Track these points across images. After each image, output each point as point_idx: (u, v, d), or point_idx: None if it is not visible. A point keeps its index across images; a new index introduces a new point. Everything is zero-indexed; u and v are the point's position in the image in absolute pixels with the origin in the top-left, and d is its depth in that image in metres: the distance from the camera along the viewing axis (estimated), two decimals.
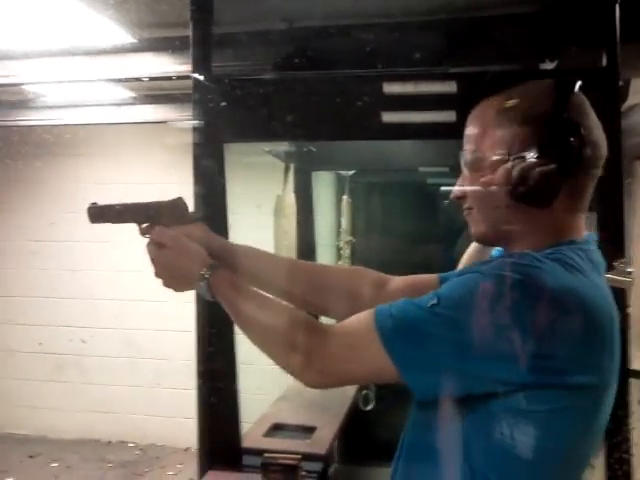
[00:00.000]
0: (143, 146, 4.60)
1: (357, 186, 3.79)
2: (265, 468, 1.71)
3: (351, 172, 3.56)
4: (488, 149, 0.99)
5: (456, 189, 1.07)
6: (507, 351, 0.83)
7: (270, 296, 1.08)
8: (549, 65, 2.31)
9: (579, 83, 0.95)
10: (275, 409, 2.47)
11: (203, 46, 1.90)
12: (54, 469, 4.19)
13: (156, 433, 4.63)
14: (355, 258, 3.71)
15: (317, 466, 1.94)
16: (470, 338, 0.84)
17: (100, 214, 1.25)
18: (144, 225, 1.21)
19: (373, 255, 3.80)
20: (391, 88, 1.95)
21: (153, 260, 1.15)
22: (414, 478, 0.99)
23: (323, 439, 2.15)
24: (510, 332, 0.83)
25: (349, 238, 3.63)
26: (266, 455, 1.74)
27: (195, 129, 1.88)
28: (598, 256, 0.98)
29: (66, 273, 4.78)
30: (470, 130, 1.03)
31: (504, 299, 0.84)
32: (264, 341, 1.01)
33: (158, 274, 1.15)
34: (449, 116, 1.77)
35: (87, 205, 1.26)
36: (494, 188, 0.98)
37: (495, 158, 0.97)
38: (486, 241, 1.09)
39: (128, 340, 4.71)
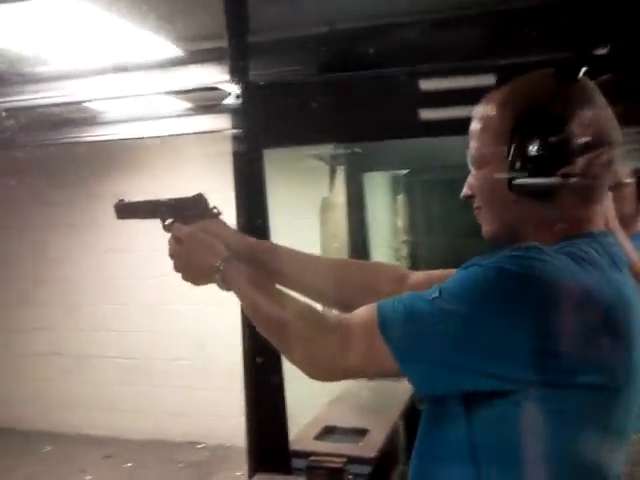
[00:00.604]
0: (205, 156, 4.71)
1: (412, 185, 3.74)
2: (310, 471, 1.72)
3: (405, 171, 3.53)
4: (490, 145, 0.97)
5: (465, 189, 1.05)
6: (510, 347, 0.81)
7: (281, 289, 1.09)
8: (602, 50, 2.23)
9: (583, 70, 0.92)
10: (327, 411, 2.48)
11: (239, 55, 1.94)
12: (128, 469, 4.35)
13: (224, 434, 4.73)
14: (413, 257, 3.67)
15: (366, 469, 1.93)
16: (471, 333, 0.82)
17: (126, 210, 1.30)
18: (167, 221, 1.25)
19: (431, 254, 3.75)
20: (436, 84, 1.93)
21: (171, 255, 1.18)
22: (425, 476, 0.98)
23: (374, 442, 2.14)
24: (513, 328, 0.81)
25: (405, 238, 3.60)
26: (312, 458, 1.75)
27: (234, 137, 1.92)
28: (617, 251, 0.94)
29: (136, 281, 4.96)
30: (473, 126, 1.01)
31: (506, 293, 0.82)
32: (271, 333, 1.02)
33: (176, 268, 1.18)
34: None
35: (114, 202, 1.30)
36: (496, 184, 0.97)
37: (494, 153, 0.95)
38: (498, 239, 1.06)
39: (197, 343, 4.83)
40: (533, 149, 0.91)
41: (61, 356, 5.17)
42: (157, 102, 3.72)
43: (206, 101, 3.63)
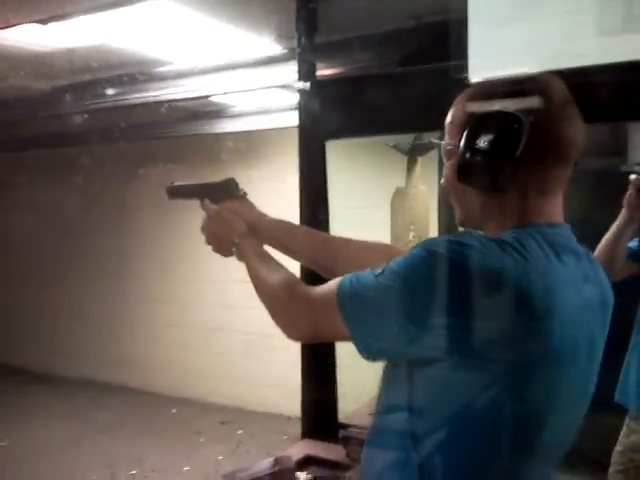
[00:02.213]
0: None
1: None
2: (346, 441, 1.85)
3: None
4: (452, 138, 1.05)
5: (442, 179, 1.14)
6: (432, 320, 0.90)
7: (278, 263, 1.24)
8: None
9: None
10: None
11: (306, 54, 2.09)
12: (239, 435, 4.72)
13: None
14: None
15: None
16: (401, 305, 0.93)
17: (174, 192, 1.52)
18: (205, 201, 1.43)
19: None
20: None
21: (202, 229, 1.39)
22: (372, 433, 1.11)
23: None
24: (434, 304, 0.91)
25: None
26: (349, 430, 1.89)
27: (300, 130, 2.08)
28: (566, 241, 0.99)
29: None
30: (446, 120, 1.09)
31: (433, 273, 0.92)
32: (264, 300, 1.19)
33: (206, 241, 1.39)
34: None
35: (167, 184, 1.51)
36: (448, 175, 1.06)
37: (455, 146, 1.03)
38: (465, 226, 1.14)
39: None
40: (480, 143, 0.99)
41: (191, 328, 5.66)
42: (272, 96, 3.96)
43: None
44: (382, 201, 2.56)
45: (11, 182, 5.95)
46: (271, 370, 5.25)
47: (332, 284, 1.03)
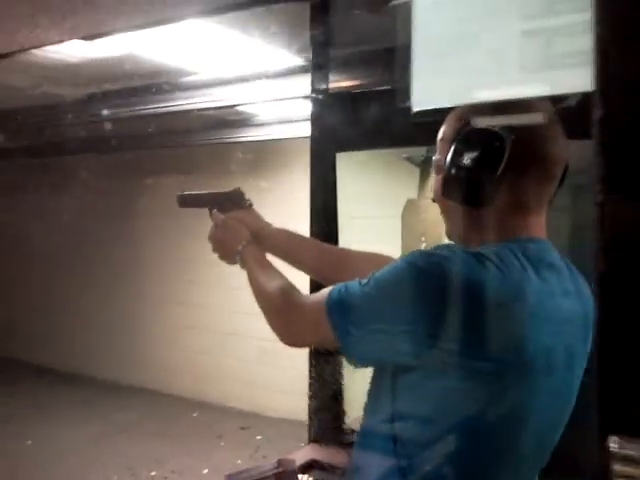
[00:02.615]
0: None
1: None
2: (351, 446, 1.88)
3: None
4: (441, 154, 1.09)
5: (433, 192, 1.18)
6: (410, 328, 0.95)
7: (277, 271, 1.29)
8: None
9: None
10: None
11: (321, 67, 2.14)
12: (257, 441, 4.77)
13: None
14: None
15: None
16: (382, 314, 0.98)
17: (184, 201, 1.58)
18: (213, 210, 1.49)
19: None
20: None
21: (209, 238, 1.44)
22: (360, 436, 1.16)
23: None
24: (411, 313, 0.95)
25: None
26: (354, 435, 1.92)
27: (311, 142, 2.13)
28: (545, 256, 1.02)
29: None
30: (437, 136, 1.13)
31: (408, 283, 0.97)
32: (260, 305, 1.24)
33: (213, 249, 1.44)
34: None
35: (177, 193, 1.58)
36: (436, 190, 1.09)
37: (442, 161, 1.07)
38: (453, 240, 1.17)
39: None
40: (464, 159, 1.02)
41: (211, 332, 5.74)
42: (293, 106, 4.03)
43: None
44: (392, 212, 2.59)
45: (39, 187, 6.11)
46: (286, 376, 5.30)
47: (324, 292, 1.08)
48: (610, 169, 0.45)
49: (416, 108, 0.60)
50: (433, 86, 0.60)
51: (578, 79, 0.45)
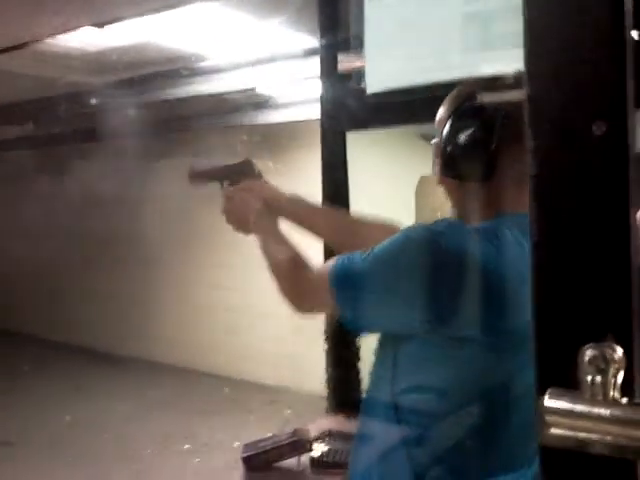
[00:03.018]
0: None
1: None
2: None
3: None
4: (439, 135, 1.12)
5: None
6: (405, 300, 1.00)
7: (288, 240, 1.33)
8: None
9: None
10: None
11: (330, 49, 2.16)
12: (286, 415, 4.87)
13: None
14: None
15: None
16: (381, 284, 1.04)
17: (195, 176, 1.62)
18: (224, 183, 1.53)
19: None
20: None
21: (222, 210, 1.49)
22: (364, 403, 1.21)
23: None
24: (407, 284, 1.00)
25: None
26: None
27: (321, 122, 2.16)
28: None
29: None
30: (436, 118, 1.16)
31: (404, 255, 1.01)
32: (271, 274, 1.29)
33: (227, 220, 1.48)
34: None
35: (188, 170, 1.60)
36: (437, 170, 1.13)
37: (437, 145, 1.10)
38: (458, 216, 1.21)
39: None
40: (458, 137, 1.06)
41: (240, 312, 5.85)
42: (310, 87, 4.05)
43: None
44: (406, 189, 2.62)
45: (68, 172, 6.25)
46: (314, 352, 5.37)
47: (329, 262, 1.13)
48: (539, 142, 0.48)
49: (370, 90, 0.64)
50: (384, 69, 0.64)
51: (515, 60, 0.49)
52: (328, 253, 1.63)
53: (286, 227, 1.42)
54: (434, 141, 1.15)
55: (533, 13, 0.49)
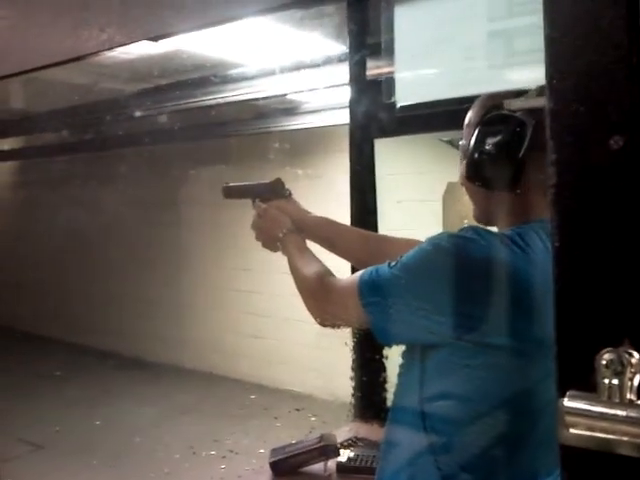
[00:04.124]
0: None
1: None
2: None
3: None
4: (467, 139, 1.14)
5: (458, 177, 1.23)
6: (435, 308, 1.01)
7: (314, 256, 1.37)
8: None
9: None
10: None
11: (357, 56, 2.19)
12: (312, 422, 4.89)
13: None
14: None
15: None
16: (410, 294, 1.04)
17: (229, 192, 1.67)
18: (255, 200, 1.58)
19: None
20: None
21: (252, 226, 1.53)
22: (392, 411, 1.23)
23: None
24: (436, 293, 1.01)
25: None
26: None
27: (350, 128, 2.19)
28: None
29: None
30: (464, 122, 1.18)
31: (434, 264, 1.03)
32: (298, 288, 1.32)
33: (256, 237, 1.53)
34: None
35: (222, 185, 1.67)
36: (462, 174, 1.15)
37: (463, 147, 1.12)
38: (480, 221, 1.22)
39: None
40: (486, 144, 1.08)
41: (267, 317, 5.89)
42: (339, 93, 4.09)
43: None
44: (433, 195, 2.63)
45: (99, 179, 6.37)
46: (340, 360, 5.37)
47: (356, 274, 1.15)
48: (560, 154, 0.51)
49: (400, 103, 0.67)
50: (414, 84, 0.66)
51: (537, 75, 0.51)
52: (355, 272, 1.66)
53: (314, 247, 1.45)
54: (461, 143, 1.17)
55: (554, 32, 0.51)
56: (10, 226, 7.64)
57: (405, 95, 0.61)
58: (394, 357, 2.21)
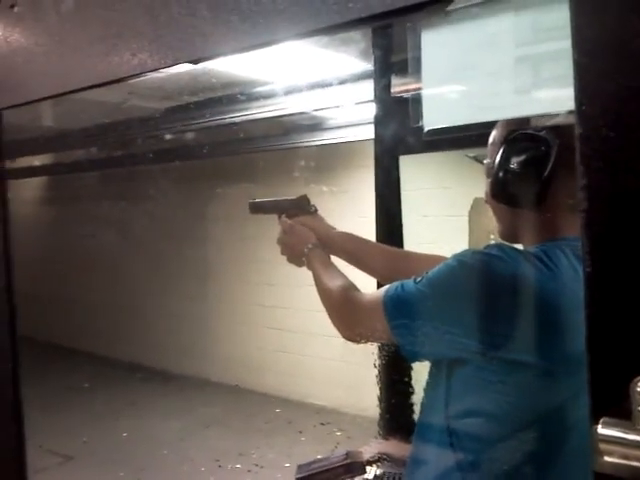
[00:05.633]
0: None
1: None
2: None
3: None
4: (491, 157, 1.14)
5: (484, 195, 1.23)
6: (461, 324, 1.01)
7: (339, 272, 1.38)
8: None
9: None
10: None
11: (383, 74, 2.21)
12: (337, 437, 4.87)
13: None
14: None
15: None
16: (436, 310, 1.05)
17: (255, 208, 1.70)
18: (281, 216, 1.60)
19: None
20: None
21: (278, 241, 1.55)
22: (417, 428, 1.23)
23: None
24: (463, 308, 1.01)
25: None
26: None
27: (375, 145, 2.20)
28: None
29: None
30: (489, 140, 1.18)
31: (460, 281, 1.03)
32: (323, 303, 1.33)
33: (281, 252, 1.55)
34: None
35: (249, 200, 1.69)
36: (487, 192, 1.15)
37: (488, 166, 1.12)
38: (505, 239, 1.22)
39: None
40: (511, 162, 1.08)
41: (291, 331, 5.89)
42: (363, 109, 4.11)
43: None
44: (459, 211, 2.62)
45: (128, 194, 6.46)
46: (365, 374, 5.35)
47: (382, 290, 1.15)
48: (590, 179, 0.51)
49: (427, 127, 0.68)
50: (440, 108, 0.67)
51: (564, 100, 0.52)
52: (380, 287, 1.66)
53: (339, 263, 1.46)
54: (486, 161, 1.17)
55: (582, 57, 0.52)
56: (41, 240, 7.77)
57: (432, 120, 0.61)
58: (421, 372, 2.21)
